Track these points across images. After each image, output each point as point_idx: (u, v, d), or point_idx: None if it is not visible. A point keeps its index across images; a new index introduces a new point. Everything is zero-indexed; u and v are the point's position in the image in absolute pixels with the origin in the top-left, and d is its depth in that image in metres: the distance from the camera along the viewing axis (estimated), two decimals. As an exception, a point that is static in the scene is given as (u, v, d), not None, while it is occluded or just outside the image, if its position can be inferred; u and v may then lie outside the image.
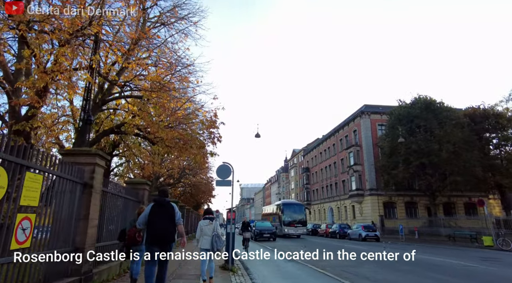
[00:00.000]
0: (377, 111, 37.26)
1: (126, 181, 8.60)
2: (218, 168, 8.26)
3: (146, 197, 8.25)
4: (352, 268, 9.03)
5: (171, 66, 12.30)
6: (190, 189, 33.73)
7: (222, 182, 8.12)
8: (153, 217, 4.57)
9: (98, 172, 4.94)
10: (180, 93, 13.57)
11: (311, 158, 55.22)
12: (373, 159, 35.54)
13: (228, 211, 8.23)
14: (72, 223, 4.37)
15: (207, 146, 13.93)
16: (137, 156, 17.01)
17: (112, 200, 6.30)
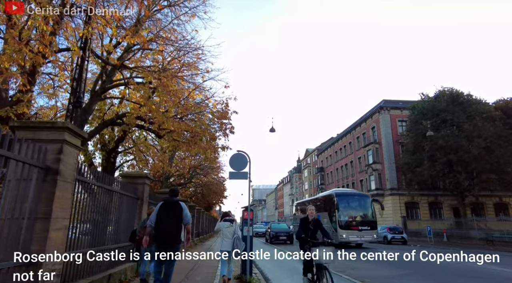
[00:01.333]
0: (397, 107, 35.26)
1: (122, 174, 7.30)
2: (232, 157, 6.86)
3: (147, 193, 6.89)
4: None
5: (178, 51, 11.03)
6: (201, 189, 32.54)
7: (236, 174, 6.70)
8: (160, 217, 4.63)
9: (68, 153, 3.56)
10: (187, 82, 12.24)
11: (326, 157, 53.34)
12: (394, 157, 33.57)
13: (244, 209, 6.78)
14: (23, 225, 3.00)
15: (218, 139, 12.58)
16: (143, 152, 15.75)
17: (101, 195, 4.94)
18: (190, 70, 11.82)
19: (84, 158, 13.21)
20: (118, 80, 11.54)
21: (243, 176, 6.68)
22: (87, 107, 10.58)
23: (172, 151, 17.02)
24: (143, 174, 7.38)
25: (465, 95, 26.53)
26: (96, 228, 4.80)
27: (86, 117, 10.69)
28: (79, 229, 4.15)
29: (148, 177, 6.91)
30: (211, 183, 32.96)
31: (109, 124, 11.43)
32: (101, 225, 4.94)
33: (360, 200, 19.73)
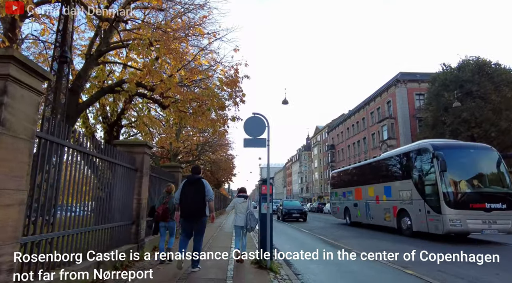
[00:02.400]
0: (414, 79, 33.30)
1: (117, 142, 6.23)
2: (247, 121, 5.69)
3: (147, 164, 5.86)
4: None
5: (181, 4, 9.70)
6: (210, 167, 31.80)
7: (253, 142, 5.55)
8: (184, 193, 4.95)
9: (18, 97, 2.44)
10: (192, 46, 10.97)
11: (337, 134, 51.89)
12: (410, 132, 32.06)
13: (261, 183, 5.72)
14: None
15: (228, 109, 11.40)
16: (148, 126, 14.66)
17: (81, 163, 3.87)
18: (195, 31, 10.49)
19: (85, 130, 12.29)
20: (115, 43, 10.29)
21: (260, 143, 5.53)
22: (82, 73, 9.48)
23: (177, 124, 15.96)
24: (141, 142, 6.38)
25: (493, 65, 24.48)
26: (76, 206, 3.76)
27: (82, 83, 9.59)
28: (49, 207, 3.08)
29: (148, 145, 5.86)
30: (220, 160, 32.21)
31: (108, 91, 10.30)
32: (86, 202, 3.87)
33: (480, 155, 11.05)
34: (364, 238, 11.61)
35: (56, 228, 3.08)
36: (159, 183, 7.67)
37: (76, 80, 9.44)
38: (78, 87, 9.61)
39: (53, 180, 3.11)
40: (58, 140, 3.10)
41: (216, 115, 11.50)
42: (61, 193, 3.32)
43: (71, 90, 8.96)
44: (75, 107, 9.26)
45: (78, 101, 9.73)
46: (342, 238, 11.23)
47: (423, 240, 10.35)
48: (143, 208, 5.89)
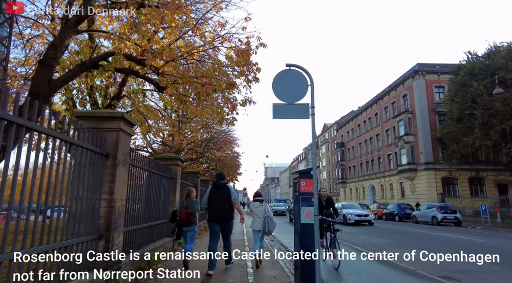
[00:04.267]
0: (433, 71, 30.99)
1: (78, 114, 4.21)
2: (278, 77, 3.67)
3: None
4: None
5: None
6: (214, 165, 29.77)
7: (288, 110, 3.51)
8: (211, 198, 5.26)
9: None
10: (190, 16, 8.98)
11: (346, 131, 49.60)
12: (430, 127, 29.78)
13: (298, 176, 3.60)
14: None
15: (238, 91, 9.40)
16: (145, 116, 12.58)
17: None
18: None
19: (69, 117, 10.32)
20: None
21: (299, 112, 3.51)
22: (57, 42, 7.44)
23: (178, 112, 13.97)
24: (115, 113, 4.61)
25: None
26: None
27: (56, 54, 7.56)
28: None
29: (125, 118, 4.02)
30: (225, 157, 30.20)
31: (90, 66, 8.24)
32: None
33: None
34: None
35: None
36: (151, 179, 5.67)
37: (49, 51, 7.42)
38: (52, 59, 7.55)
39: None
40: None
41: (223, 99, 9.44)
42: None
43: (42, 62, 7.07)
44: (47, 84, 7.27)
45: (50, 76, 7.68)
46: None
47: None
48: (118, 214, 3.86)
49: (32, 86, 7.07)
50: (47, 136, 2.66)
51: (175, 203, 7.19)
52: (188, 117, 16.59)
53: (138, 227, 4.98)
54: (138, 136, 20.90)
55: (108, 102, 10.78)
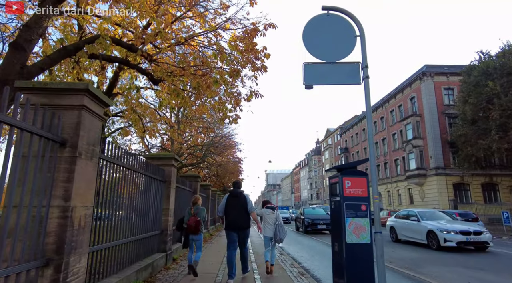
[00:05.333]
0: (442, 72, 29.92)
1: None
2: (313, 23, 2.48)
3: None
4: None
5: None
6: (216, 170, 28.56)
7: (328, 71, 2.37)
8: (228, 207, 5.23)
9: None
10: None
11: (350, 136, 48.42)
12: (439, 131, 28.58)
13: (339, 175, 2.37)
14: None
15: (243, 83, 8.35)
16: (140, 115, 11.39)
17: None
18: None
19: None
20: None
21: (345, 75, 2.40)
22: (31, 22, 6.32)
23: (175, 109, 12.83)
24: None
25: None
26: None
27: (32, 37, 6.45)
28: None
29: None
30: (227, 163, 29.00)
31: (72, 52, 7.11)
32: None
33: None
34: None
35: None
36: (136, 181, 4.49)
37: (22, 33, 6.30)
38: (26, 42, 6.41)
39: None
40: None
41: (226, 92, 8.32)
42: None
43: (13, 45, 5.98)
44: (19, 70, 6.14)
45: (24, 61, 6.54)
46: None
47: None
48: (78, 228, 2.68)
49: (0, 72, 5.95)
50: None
51: (169, 211, 5.99)
52: (188, 117, 15.46)
53: (115, 244, 3.78)
54: (134, 139, 19.77)
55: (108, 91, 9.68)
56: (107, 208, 3.55)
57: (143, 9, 6.19)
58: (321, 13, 2.51)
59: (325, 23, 2.51)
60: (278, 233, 5.76)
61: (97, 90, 2.88)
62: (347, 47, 2.47)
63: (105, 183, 3.45)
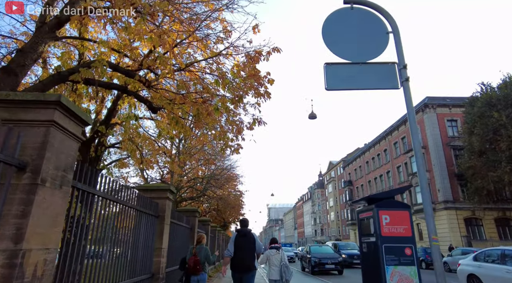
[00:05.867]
0: (444, 104, 29.91)
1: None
2: (333, 17, 2.10)
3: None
4: None
5: None
6: (216, 204, 27.55)
7: (356, 74, 1.90)
8: (237, 246, 5.04)
9: None
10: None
11: (354, 169, 47.60)
12: (446, 163, 27.91)
13: (383, 200, 1.76)
14: None
15: (245, 112, 8.01)
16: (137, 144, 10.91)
17: None
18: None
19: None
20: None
21: (378, 77, 1.93)
22: (27, 47, 6.10)
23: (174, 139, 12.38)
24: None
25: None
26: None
27: (25, 62, 6.16)
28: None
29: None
30: (227, 196, 28.05)
31: (67, 77, 6.78)
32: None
33: None
34: None
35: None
36: (123, 216, 3.87)
37: (16, 57, 6.03)
38: (19, 67, 6.10)
39: None
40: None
41: (228, 120, 7.90)
42: None
43: (5, 69, 5.68)
44: (8, 95, 5.71)
45: (15, 87, 6.18)
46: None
47: None
48: (33, 279, 2.04)
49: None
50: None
51: (162, 251, 5.26)
52: (188, 147, 14.96)
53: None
54: (133, 172, 19.14)
55: (93, 131, 9.30)
56: (85, 249, 2.91)
57: (145, 34, 5.91)
58: (343, 7, 2.11)
59: (349, 18, 2.10)
60: (284, 275, 5.47)
61: (73, 104, 2.38)
62: (378, 46, 2.04)
63: (81, 218, 2.85)
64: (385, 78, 2.00)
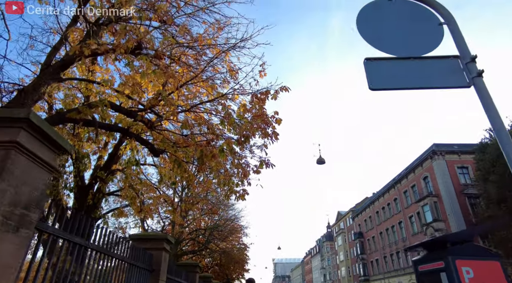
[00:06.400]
0: (452, 151, 29.36)
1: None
2: (368, 8, 1.72)
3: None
4: None
5: None
6: (219, 259, 25.76)
7: (408, 71, 1.47)
8: None
9: None
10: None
11: (364, 220, 45.50)
12: (461, 212, 26.47)
13: (457, 244, 1.19)
14: None
15: (251, 155, 7.60)
16: (137, 190, 10.36)
17: None
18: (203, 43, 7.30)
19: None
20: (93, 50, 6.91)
21: (439, 74, 1.52)
22: (29, 87, 5.99)
23: (176, 184, 11.76)
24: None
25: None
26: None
27: (26, 101, 5.98)
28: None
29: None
30: (231, 250, 26.33)
31: (65, 116, 6.52)
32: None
33: None
34: None
35: None
36: (107, 270, 3.21)
37: (17, 97, 5.89)
38: (18, 106, 5.89)
39: None
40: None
41: (233, 163, 7.49)
42: None
43: (5, 108, 5.37)
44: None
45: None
46: None
47: None
48: None
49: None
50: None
51: (153, 314, 4.41)
52: (192, 194, 14.26)
53: None
54: (132, 223, 18.18)
55: (92, 176, 8.89)
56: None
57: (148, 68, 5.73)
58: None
59: (389, 10, 1.77)
60: None
61: (47, 124, 1.95)
62: (431, 38, 1.68)
63: (48, 270, 2.24)
64: (447, 75, 1.60)
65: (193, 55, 7.22)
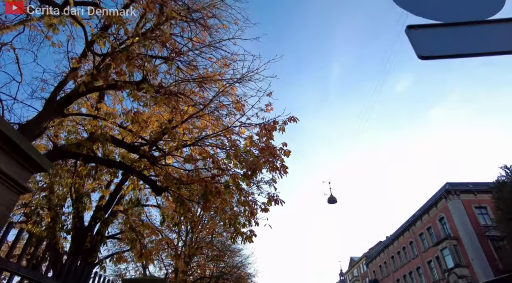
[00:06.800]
0: (467, 190, 28.18)
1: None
2: None
3: None
4: None
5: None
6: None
7: (473, 37, 1.11)
8: None
9: None
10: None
11: (379, 265, 42.68)
12: (485, 256, 24.60)
13: None
14: None
15: (259, 191, 7.21)
16: (138, 233, 9.78)
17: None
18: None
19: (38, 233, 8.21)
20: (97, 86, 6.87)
21: (503, 40, 1.15)
22: (32, 122, 5.88)
23: (179, 225, 11.03)
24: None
25: None
26: None
27: (26, 134, 5.81)
28: None
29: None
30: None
31: (66, 153, 6.27)
32: None
33: None
34: None
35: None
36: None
37: (19, 130, 5.74)
38: (17, 143, 5.60)
39: None
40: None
41: (239, 201, 7.05)
42: None
43: None
44: None
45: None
46: None
47: None
48: None
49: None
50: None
51: None
52: (197, 237, 13.39)
53: None
54: (133, 270, 17.08)
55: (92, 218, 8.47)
56: None
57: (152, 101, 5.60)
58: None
59: None
60: None
61: (17, 132, 1.65)
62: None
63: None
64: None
65: (198, 92, 7.15)
